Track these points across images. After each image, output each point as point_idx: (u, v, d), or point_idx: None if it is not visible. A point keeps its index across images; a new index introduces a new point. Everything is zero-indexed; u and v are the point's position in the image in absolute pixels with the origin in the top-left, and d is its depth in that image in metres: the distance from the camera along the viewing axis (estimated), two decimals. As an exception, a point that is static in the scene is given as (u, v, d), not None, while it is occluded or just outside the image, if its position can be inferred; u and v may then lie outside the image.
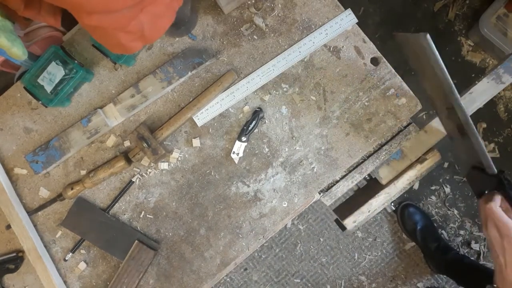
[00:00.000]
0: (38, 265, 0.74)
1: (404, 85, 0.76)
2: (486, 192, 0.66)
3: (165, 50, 0.77)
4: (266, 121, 0.76)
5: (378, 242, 1.60)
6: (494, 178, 0.65)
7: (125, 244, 0.75)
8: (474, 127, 0.68)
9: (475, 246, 1.55)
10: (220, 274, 0.76)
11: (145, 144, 0.71)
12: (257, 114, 0.74)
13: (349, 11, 0.76)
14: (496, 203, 0.64)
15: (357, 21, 0.76)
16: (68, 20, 0.70)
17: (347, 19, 0.75)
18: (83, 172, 0.77)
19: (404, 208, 1.54)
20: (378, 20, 1.58)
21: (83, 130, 0.75)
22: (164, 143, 0.76)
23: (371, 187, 0.84)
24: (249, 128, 0.74)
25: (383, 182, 0.79)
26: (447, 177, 1.58)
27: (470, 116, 0.75)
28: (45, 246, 0.77)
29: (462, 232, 1.57)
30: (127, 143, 0.77)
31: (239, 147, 0.74)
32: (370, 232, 1.60)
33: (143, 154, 0.73)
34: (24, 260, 0.77)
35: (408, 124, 0.78)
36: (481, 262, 1.55)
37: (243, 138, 0.74)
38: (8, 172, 0.77)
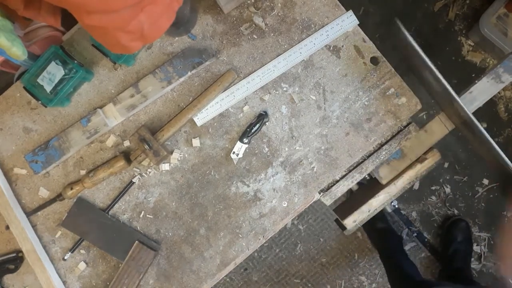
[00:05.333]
0: (37, 267, 0.73)
1: (404, 84, 0.76)
2: None
3: (164, 50, 0.77)
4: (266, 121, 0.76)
5: (378, 242, 1.59)
6: None
7: (125, 244, 0.75)
8: (478, 125, 0.65)
9: (476, 248, 1.55)
10: (220, 274, 0.76)
11: (146, 146, 0.71)
12: (261, 117, 0.74)
13: (350, 12, 0.76)
14: None
15: (358, 22, 0.76)
16: (68, 20, 0.70)
17: (348, 20, 0.75)
18: (83, 172, 0.77)
19: (457, 222, 1.52)
20: (378, 20, 1.58)
21: (82, 130, 0.75)
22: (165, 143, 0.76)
23: (371, 186, 0.84)
24: (252, 131, 0.74)
25: (383, 181, 0.79)
26: (447, 177, 1.57)
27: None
28: (45, 247, 0.76)
29: (462, 232, 1.57)
30: (126, 143, 0.77)
31: (239, 148, 0.74)
32: (370, 232, 1.59)
33: (145, 156, 0.73)
34: (24, 260, 0.77)
35: (408, 124, 0.78)
36: (482, 263, 1.55)
37: (245, 140, 0.74)
38: (8, 172, 0.77)
